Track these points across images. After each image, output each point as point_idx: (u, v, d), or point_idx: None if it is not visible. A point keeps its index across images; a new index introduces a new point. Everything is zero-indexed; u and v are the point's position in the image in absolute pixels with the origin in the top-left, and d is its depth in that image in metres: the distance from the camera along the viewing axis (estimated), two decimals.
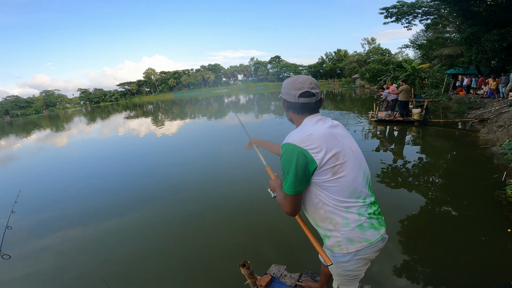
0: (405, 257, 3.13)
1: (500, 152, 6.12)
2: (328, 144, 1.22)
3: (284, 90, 1.36)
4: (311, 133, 1.23)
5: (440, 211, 4.12)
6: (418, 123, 9.95)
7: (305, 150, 1.19)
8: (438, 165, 6.11)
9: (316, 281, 2.38)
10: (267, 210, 4.48)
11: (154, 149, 10.57)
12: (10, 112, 75.31)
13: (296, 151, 1.19)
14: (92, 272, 3.41)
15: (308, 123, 1.31)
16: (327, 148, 1.21)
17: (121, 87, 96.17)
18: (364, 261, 1.38)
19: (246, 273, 2.32)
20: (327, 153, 1.21)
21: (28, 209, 5.60)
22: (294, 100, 1.31)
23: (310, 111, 1.33)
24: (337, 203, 1.25)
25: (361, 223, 1.27)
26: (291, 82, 1.33)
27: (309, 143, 1.20)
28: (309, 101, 1.30)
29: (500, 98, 11.91)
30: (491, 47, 12.57)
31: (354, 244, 1.30)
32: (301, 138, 1.22)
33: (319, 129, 1.26)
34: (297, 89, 1.29)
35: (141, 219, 4.70)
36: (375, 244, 1.32)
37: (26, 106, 78.35)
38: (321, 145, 1.20)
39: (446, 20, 19.79)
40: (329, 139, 1.24)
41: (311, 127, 1.28)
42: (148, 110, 36.08)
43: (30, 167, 9.96)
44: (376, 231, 1.32)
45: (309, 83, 1.29)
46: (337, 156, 1.23)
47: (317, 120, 1.32)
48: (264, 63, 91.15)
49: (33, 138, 19.77)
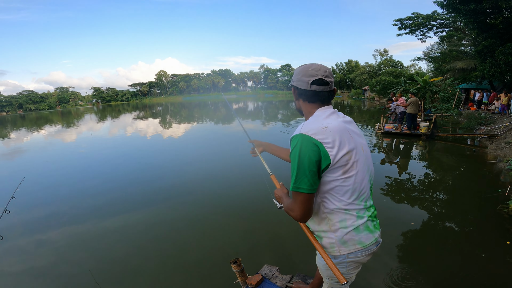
0: (402, 268, 3.07)
1: (506, 168, 6.01)
2: (342, 140, 1.14)
3: (296, 76, 1.27)
4: (326, 126, 1.14)
5: (442, 224, 4.07)
6: (425, 137, 9.80)
7: (320, 143, 1.10)
8: (443, 180, 6.01)
9: (307, 284, 2.36)
10: (266, 213, 4.48)
11: (160, 151, 10.70)
12: (24, 106, 77.23)
13: (310, 143, 1.10)
14: (86, 270, 3.36)
15: (321, 115, 1.22)
16: (341, 144, 1.13)
17: (133, 88, 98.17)
18: (355, 264, 1.32)
19: (237, 270, 2.32)
20: (341, 150, 1.13)
21: (28, 198, 5.70)
22: (305, 87, 1.22)
23: (322, 101, 1.25)
24: (340, 204, 1.19)
25: (358, 225, 1.22)
26: (304, 68, 1.24)
27: (324, 136, 1.11)
28: (322, 89, 1.21)
29: (511, 114, 11.71)
30: (504, 60, 12.29)
31: (348, 246, 1.25)
32: (316, 130, 1.13)
33: (333, 123, 1.17)
34: (310, 76, 1.20)
35: (142, 220, 4.68)
36: (368, 247, 1.27)
37: (40, 101, 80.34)
38: (336, 140, 1.12)
39: (462, 33, 19.44)
40: (344, 135, 1.16)
41: (325, 119, 1.19)
42: (157, 112, 36.59)
43: (36, 159, 10.16)
44: (371, 234, 1.27)
45: (324, 71, 1.21)
46: (350, 154, 1.15)
47: (330, 112, 1.24)
48: (274, 70, 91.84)
49: (43, 132, 20.22)
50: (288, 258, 3.35)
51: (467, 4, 12.65)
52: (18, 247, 4.01)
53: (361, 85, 54.93)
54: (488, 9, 12.96)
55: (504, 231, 3.71)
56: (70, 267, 3.47)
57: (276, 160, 1.84)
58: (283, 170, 2.66)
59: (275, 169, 1.76)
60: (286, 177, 1.21)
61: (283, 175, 1.45)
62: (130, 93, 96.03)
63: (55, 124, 26.82)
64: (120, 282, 3.15)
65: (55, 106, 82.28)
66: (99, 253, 3.76)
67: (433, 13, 18.06)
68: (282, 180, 1.55)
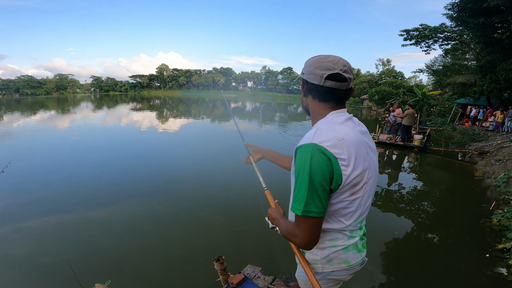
0: (384, 277, 3.12)
1: (494, 185, 6.13)
2: (358, 157, 0.97)
3: (307, 68, 1.06)
4: (343, 138, 0.95)
5: (425, 235, 4.16)
6: (418, 150, 9.93)
7: (335, 159, 0.91)
8: (431, 192, 6.11)
9: (288, 286, 2.38)
10: (254, 215, 4.47)
11: (153, 144, 10.66)
12: (21, 90, 76.30)
13: (324, 156, 0.91)
14: (64, 260, 3.25)
15: (335, 120, 1.02)
16: (357, 162, 0.96)
17: (133, 79, 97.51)
18: (335, 281, 1.23)
19: (219, 268, 2.34)
20: (355, 169, 0.96)
21: (12, 182, 5.62)
22: (318, 82, 1.02)
23: (336, 100, 1.04)
24: (337, 225, 1.05)
25: (348, 245, 1.10)
26: (318, 59, 1.03)
27: (340, 151, 0.93)
28: (338, 86, 1.00)
29: (504, 133, 11.92)
30: (505, 76, 12.43)
31: (332, 264, 1.13)
32: (333, 141, 0.93)
33: (351, 134, 0.98)
34: (325, 69, 0.99)
35: (128, 212, 4.63)
36: (353, 267, 1.16)
37: (38, 87, 79.38)
38: (352, 156, 0.95)
39: (467, 47, 19.54)
40: (360, 150, 0.99)
41: (341, 127, 1.00)
42: (155, 104, 36.39)
43: (26, 144, 10.01)
44: (359, 254, 1.16)
45: (342, 65, 1.00)
46: (363, 174, 0.99)
47: (346, 118, 1.04)
48: (275, 73, 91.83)
49: (37, 117, 20.00)
50: (273, 260, 3.37)
51: (476, 18, 12.81)
52: None
53: (360, 93, 55.23)
54: (497, 23, 13.14)
55: (484, 245, 3.81)
56: (49, 257, 3.40)
57: (273, 172, 1.63)
58: (279, 185, 2.55)
59: (271, 183, 1.68)
60: (284, 194, 1.12)
61: (280, 190, 1.30)
62: (129, 84, 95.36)
63: (49, 110, 26.53)
64: (99, 273, 3.11)
65: (52, 92, 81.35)
66: (81, 244, 3.70)
67: (441, 25, 18.15)
68: (278, 198, 1.40)
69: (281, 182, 5.27)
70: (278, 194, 1.48)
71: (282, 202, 1.35)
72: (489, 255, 3.50)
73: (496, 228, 4.15)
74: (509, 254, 3.41)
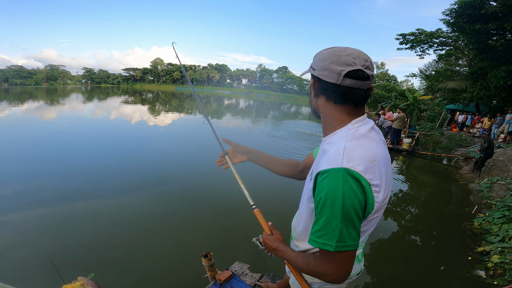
0: (368, 278, 3.20)
1: (477, 189, 6.33)
2: (387, 178, 0.84)
3: (320, 63, 0.86)
4: (374, 158, 0.80)
5: (409, 237, 4.27)
6: (406, 153, 10.15)
7: (369, 185, 0.77)
8: (416, 195, 6.28)
9: (276, 284, 2.43)
10: (243, 211, 4.51)
11: (142, 138, 10.49)
12: (10, 80, 74.31)
13: (358, 184, 0.76)
14: (45, 254, 3.14)
15: (361, 132, 0.85)
16: (386, 185, 0.84)
17: (126, 72, 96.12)
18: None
19: (206, 264, 2.35)
20: (385, 193, 0.83)
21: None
22: (334, 81, 0.82)
23: (356, 103, 0.86)
24: None
25: None
26: (334, 53, 0.84)
27: (374, 176, 0.78)
28: (359, 85, 0.82)
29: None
30: (495, 84, 12.67)
31: None
32: (365, 164, 0.78)
33: (380, 151, 0.84)
34: (344, 65, 0.81)
35: (114, 206, 4.56)
36: (351, 277, 1.10)
37: (27, 77, 77.51)
38: (383, 180, 0.82)
39: (461, 53, 19.90)
40: (388, 169, 0.86)
41: (369, 142, 0.84)
42: (147, 98, 35.93)
43: (10, 134, 9.65)
44: (358, 264, 1.11)
45: (364, 59, 0.82)
46: (388, 196, 0.87)
47: (370, 128, 0.88)
48: (270, 71, 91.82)
49: (24, 107, 19.51)
50: (261, 257, 3.40)
51: (472, 24, 13.03)
52: None
53: None
54: (493, 30, 13.35)
55: (465, 247, 3.95)
56: (30, 250, 3.32)
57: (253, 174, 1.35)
58: (271, 203, 2.18)
59: (259, 199, 1.35)
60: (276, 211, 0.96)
61: (271, 207, 1.07)
62: (122, 77, 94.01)
63: (38, 100, 25.90)
64: (83, 267, 3.06)
65: (42, 83, 79.47)
66: (64, 237, 3.63)
67: (437, 30, 18.43)
68: (269, 217, 1.21)
69: (271, 202, 5.21)
70: (268, 212, 1.30)
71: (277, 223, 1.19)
72: (470, 258, 3.62)
73: (477, 232, 4.31)
74: (488, 257, 3.54)
